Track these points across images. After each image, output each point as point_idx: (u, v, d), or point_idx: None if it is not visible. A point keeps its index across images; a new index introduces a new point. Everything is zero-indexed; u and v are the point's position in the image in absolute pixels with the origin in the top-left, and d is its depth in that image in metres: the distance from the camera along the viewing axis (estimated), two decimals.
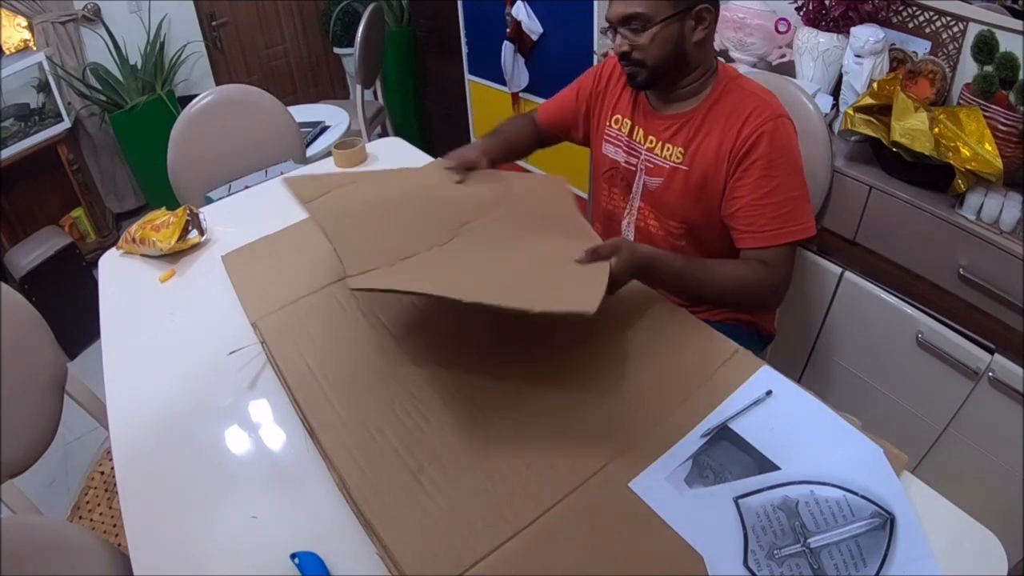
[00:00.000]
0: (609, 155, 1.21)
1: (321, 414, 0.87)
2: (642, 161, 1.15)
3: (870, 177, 1.31)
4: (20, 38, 2.56)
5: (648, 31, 0.99)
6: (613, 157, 1.21)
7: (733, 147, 1.03)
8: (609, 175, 1.23)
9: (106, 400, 0.99)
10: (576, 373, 0.91)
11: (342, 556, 0.73)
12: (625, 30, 1.02)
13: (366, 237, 0.92)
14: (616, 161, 1.20)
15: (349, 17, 3.18)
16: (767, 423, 0.82)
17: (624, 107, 1.18)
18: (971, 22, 1.35)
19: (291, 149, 1.84)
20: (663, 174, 1.12)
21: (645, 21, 0.99)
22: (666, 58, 1.02)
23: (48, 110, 2.47)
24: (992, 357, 1.21)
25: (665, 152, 1.11)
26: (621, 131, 1.19)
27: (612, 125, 1.20)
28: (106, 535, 1.18)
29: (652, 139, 1.13)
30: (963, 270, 1.20)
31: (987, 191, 1.18)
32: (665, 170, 1.11)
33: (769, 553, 0.68)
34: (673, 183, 1.11)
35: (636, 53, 1.03)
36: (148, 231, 1.28)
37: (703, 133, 1.06)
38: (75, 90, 2.62)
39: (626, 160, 1.18)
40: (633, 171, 1.17)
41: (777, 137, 1.01)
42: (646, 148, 1.14)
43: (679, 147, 1.09)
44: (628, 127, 1.17)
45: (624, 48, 1.03)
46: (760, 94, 1.05)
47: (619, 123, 1.19)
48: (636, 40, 1.01)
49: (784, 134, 1.02)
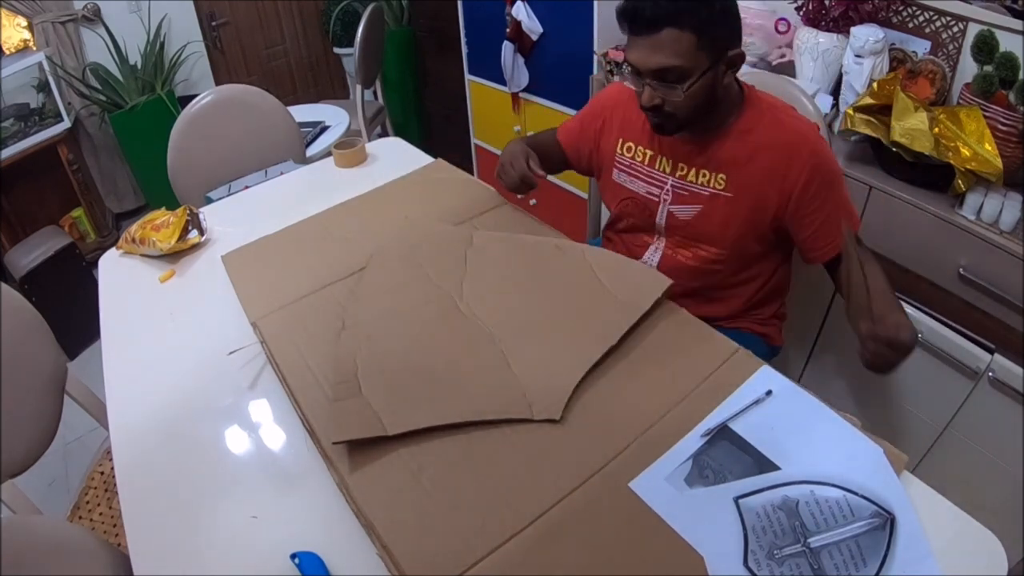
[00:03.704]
0: (624, 184, 1.17)
1: (321, 413, 0.87)
2: (667, 191, 1.11)
3: (870, 177, 1.31)
4: (20, 38, 2.56)
5: (684, 85, 0.93)
6: (630, 187, 1.16)
7: (785, 184, 1.01)
8: (625, 205, 1.19)
9: (106, 400, 0.99)
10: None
11: (342, 556, 0.73)
12: (656, 83, 0.95)
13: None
14: (633, 191, 1.16)
15: (349, 17, 3.18)
16: (767, 423, 0.81)
17: (636, 135, 1.14)
18: (971, 22, 1.35)
19: (291, 149, 1.84)
20: (701, 201, 1.08)
21: (682, 75, 0.92)
22: (700, 108, 0.98)
23: (48, 110, 2.47)
24: (992, 357, 1.21)
25: (703, 179, 1.06)
26: (636, 159, 1.14)
27: (624, 153, 1.16)
28: (106, 535, 1.18)
29: (683, 167, 1.08)
30: (963, 270, 1.20)
31: (987, 191, 1.18)
32: (704, 197, 1.07)
33: (769, 553, 0.68)
34: (715, 210, 1.07)
35: (668, 106, 0.97)
36: (148, 231, 1.28)
37: (744, 159, 1.03)
38: (75, 90, 2.63)
39: (647, 191, 1.13)
40: (656, 201, 1.13)
41: (821, 162, 1.01)
42: (677, 176, 1.09)
43: (720, 173, 1.05)
44: (647, 157, 1.12)
45: (656, 101, 0.96)
46: (789, 117, 1.03)
47: (633, 152, 1.15)
48: (669, 94, 0.95)
49: (824, 150, 1.02)
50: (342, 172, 1.58)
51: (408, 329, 0.99)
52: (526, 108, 2.29)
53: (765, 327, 1.24)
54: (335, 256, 1.18)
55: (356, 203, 1.39)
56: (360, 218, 1.32)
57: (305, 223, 1.33)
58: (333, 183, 1.51)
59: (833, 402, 0.84)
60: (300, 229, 1.31)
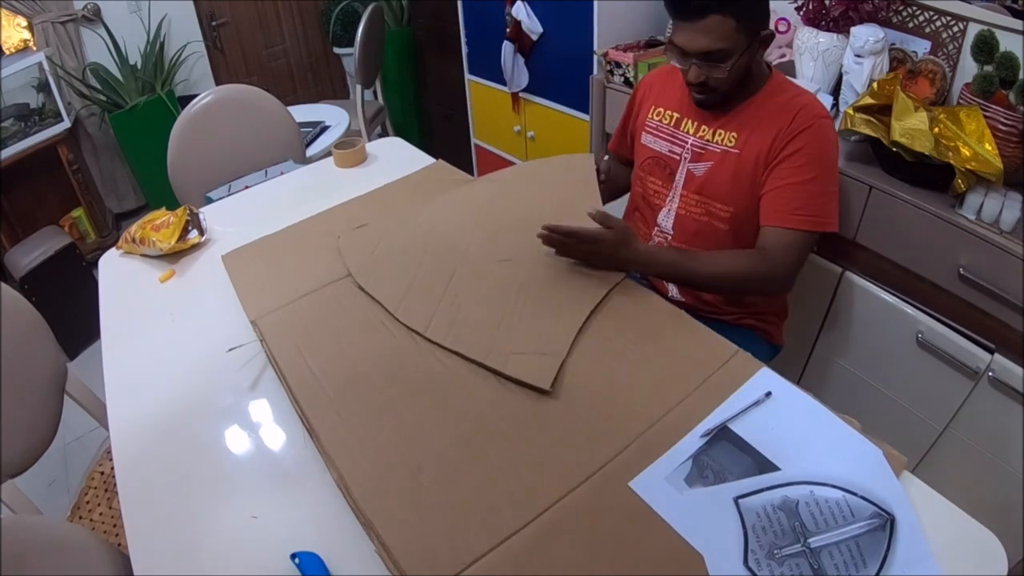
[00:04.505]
0: (648, 145, 1.24)
1: (321, 413, 0.87)
2: (688, 149, 1.18)
3: (870, 177, 1.31)
4: (20, 38, 2.56)
5: (727, 63, 1.03)
6: (653, 147, 1.24)
7: (780, 135, 1.08)
8: (649, 164, 1.25)
9: (106, 400, 0.99)
10: (576, 372, 0.91)
11: (342, 556, 0.73)
12: (702, 62, 1.04)
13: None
14: (656, 151, 1.23)
15: (349, 17, 3.18)
16: (766, 424, 0.81)
17: (670, 102, 1.22)
18: (971, 22, 1.35)
19: (291, 149, 1.84)
20: (713, 158, 1.15)
21: (725, 55, 1.02)
22: (737, 83, 1.09)
23: (48, 110, 2.47)
24: (992, 357, 1.21)
25: (718, 137, 1.14)
26: (663, 122, 1.22)
27: (653, 117, 1.24)
28: (106, 535, 1.18)
29: (705, 128, 1.16)
30: (963, 270, 1.20)
31: (987, 191, 1.18)
32: (716, 154, 1.15)
33: (769, 553, 0.68)
34: (724, 165, 1.14)
35: (712, 82, 1.07)
36: (148, 231, 1.28)
37: (757, 120, 1.10)
38: (75, 90, 2.63)
39: (669, 150, 1.21)
40: (677, 159, 1.20)
41: (821, 135, 1.07)
42: (697, 136, 1.17)
43: (732, 132, 1.13)
44: (674, 119, 1.20)
45: (702, 79, 1.06)
46: (808, 95, 1.11)
47: (661, 115, 1.23)
48: (713, 72, 1.05)
49: (828, 133, 1.08)
50: (342, 172, 1.58)
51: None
52: (526, 108, 2.29)
53: (766, 324, 1.26)
54: (335, 256, 1.18)
55: (356, 203, 1.39)
56: (360, 218, 1.32)
57: (305, 223, 1.33)
58: (333, 183, 1.51)
59: (833, 403, 0.84)
60: (300, 229, 1.31)
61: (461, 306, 1.02)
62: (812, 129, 1.06)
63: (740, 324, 1.25)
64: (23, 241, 2.40)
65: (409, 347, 0.96)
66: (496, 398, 0.87)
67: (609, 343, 0.95)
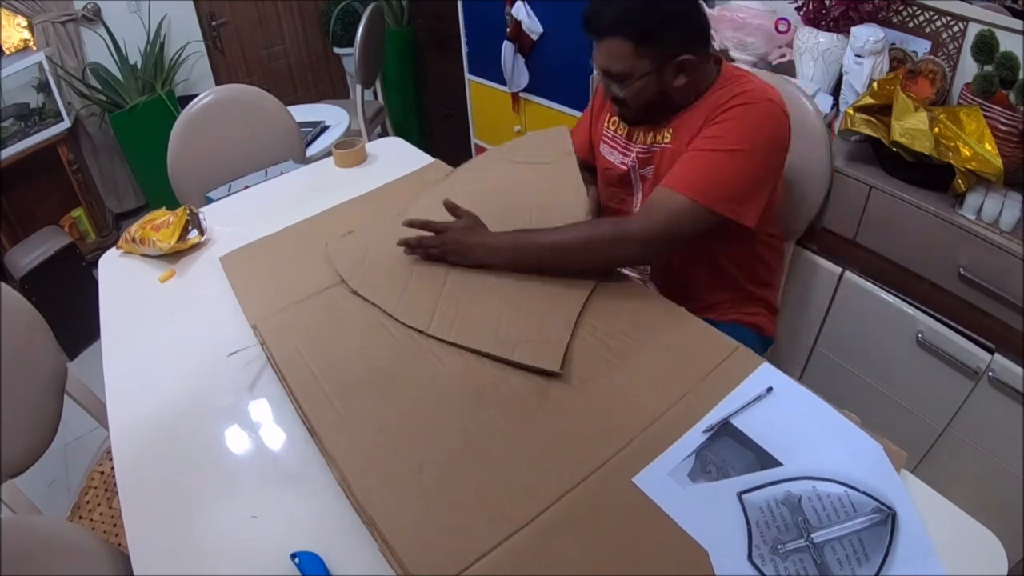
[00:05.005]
0: (605, 155, 1.24)
1: (322, 413, 0.87)
2: (633, 157, 1.17)
3: (870, 177, 1.31)
4: (20, 38, 2.56)
5: (630, 86, 1.04)
6: (609, 158, 1.23)
7: (710, 115, 1.03)
8: (607, 176, 1.25)
9: (106, 400, 0.99)
10: (577, 370, 0.91)
11: (342, 556, 0.73)
12: (608, 80, 1.06)
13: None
14: (611, 162, 1.22)
15: (349, 17, 3.18)
16: (768, 419, 0.82)
17: None
18: (971, 22, 1.35)
19: (291, 149, 1.84)
20: (654, 159, 1.14)
21: (625, 76, 1.03)
22: (650, 105, 1.07)
23: (48, 110, 2.47)
24: (992, 357, 1.21)
25: (658, 139, 1.13)
26: (617, 132, 1.21)
27: (609, 127, 1.23)
28: (106, 535, 1.18)
29: (651, 135, 1.14)
30: (963, 270, 1.20)
31: (987, 191, 1.18)
32: (656, 153, 1.13)
33: (773, 548, 0.68)
34: (663, 163, 1.12)
35: (625, 99, 1.07)
36: (148, 231, 1.28)
37: (695, 117, 1.06)
38: (75, 90, 2.62)
39: (621, 161, 1.20)
40: (626, 168, 1.19)
41: (753, 112, 0.99)
42: (642, 143, 1.15)
43: (669, 129, 1.11)
44: (627, 129, 1.18)
45: (611, 94, 1.08)
46: (759, 82, 1.04)
47: (616, 125, 1.21)
48: (619, 92, 1.06)
49: (762, 113, 1.00)
50: (342, 172, 1.58)
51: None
52: (526, 108, 2.29)
53: (752, 317, 1.25)
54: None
55: (356, 203, 1.39)
56: (359, 219, 1.31)
57: (305, 223, 1.33)
58: (333, 183, 1.51)
59: (833, 403, 0.84)
60: (300, 229, 1.31)
61: (460, 302, 1.02)
62: (744, 107, 0.99)
63: (722, 320, 1.21)
64: (23, 241, 2.40)
65: (410, 347, 0.96)
66: (497, 396, 0.87)
67: (610, 340, 0.95)
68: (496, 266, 1.07)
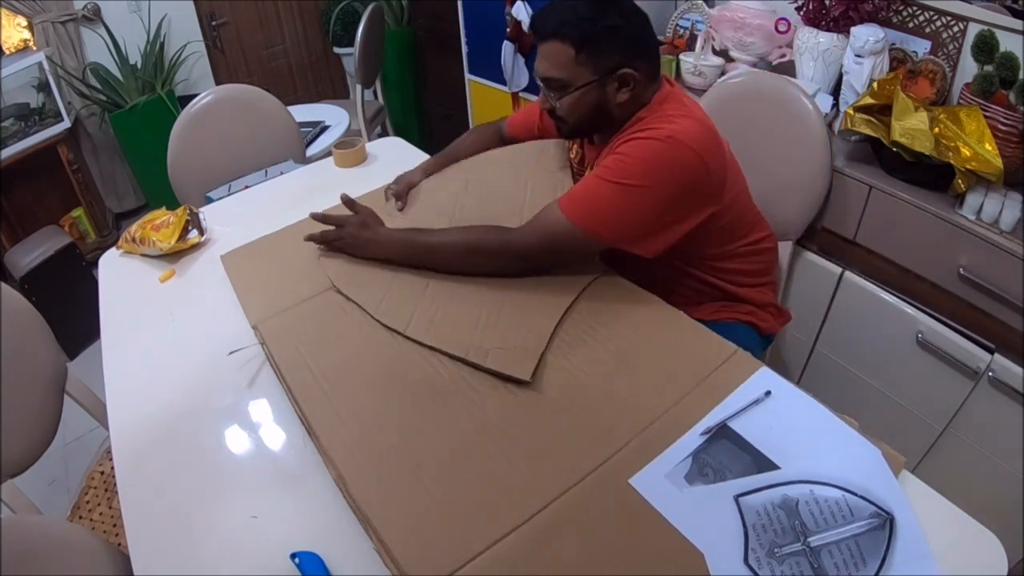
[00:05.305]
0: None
1: (321, 413, 0.87)
2: None
3: (870, 177, 1.31)
4: (20, 38, 2.56)
5: (568, 96, 1.00)
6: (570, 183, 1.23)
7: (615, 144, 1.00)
8: None
9: (106, 400, 0.99)
10: (575, 371, 0.91)
11: (342, 556, 0.73)
12: (547, 89, 1.02)
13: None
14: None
15: (349, 17, 3.17)
16: (766, 423, 0.82)
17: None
18: (971, 22, 1.35)
19: (291, 149, 1.84)
20: None
21: (562, 85, 0.99)
22: (587, 119, 1.03)
23: (48, 110, 2.47)
24: (992, 357, 1.21)
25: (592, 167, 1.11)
26: (574, 158, 1.22)
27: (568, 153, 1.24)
28: (106, 535, 1.18)
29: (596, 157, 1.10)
30: (963, 270, 1.20)
31: (987, 191, 1.18)
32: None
33: (770, 551, 0.68)
34: None
35: (559, 111, 1.03)
36: (148, 231, 1.28)
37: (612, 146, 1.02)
38: (75, 90, 2.62)
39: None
40: None
41: (650, 149, 0.94)
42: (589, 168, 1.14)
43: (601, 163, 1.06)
44: (579, 156, 1.20)
45: (548, 105, 1.04)
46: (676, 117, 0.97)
47: (574, 152, 1.23)
48: (555, 102, 1.02)
49: (659, 151, 0.94)
50: (342, 172, 1.58)
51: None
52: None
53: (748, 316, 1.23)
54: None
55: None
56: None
57: (305, 223, 1.32)
58: (333, 183, 1.51)
59: (833, 403, 0.84)
60: (300, 229, 1.31)
61: (440, 305, 1.02)
62: (644, 142, 0.94)
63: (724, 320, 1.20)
64: (23, 241, 2.40)
65: (409, 348, 0.96)
66: (495, 397, 0.87)
67: (608, 342, 0.95)
68: (392, 260, 1.10)
